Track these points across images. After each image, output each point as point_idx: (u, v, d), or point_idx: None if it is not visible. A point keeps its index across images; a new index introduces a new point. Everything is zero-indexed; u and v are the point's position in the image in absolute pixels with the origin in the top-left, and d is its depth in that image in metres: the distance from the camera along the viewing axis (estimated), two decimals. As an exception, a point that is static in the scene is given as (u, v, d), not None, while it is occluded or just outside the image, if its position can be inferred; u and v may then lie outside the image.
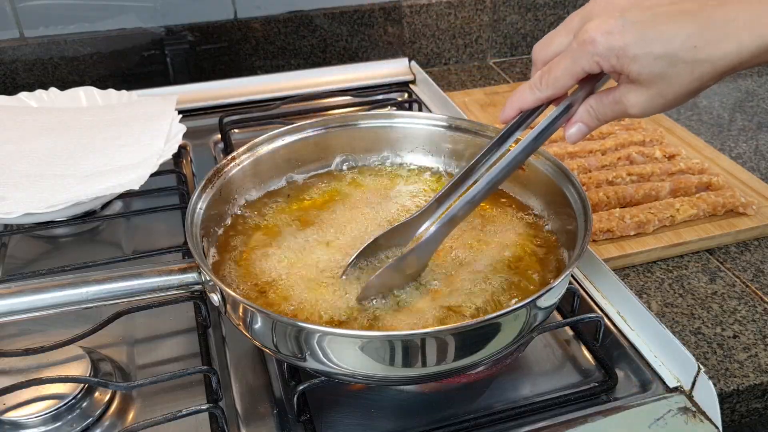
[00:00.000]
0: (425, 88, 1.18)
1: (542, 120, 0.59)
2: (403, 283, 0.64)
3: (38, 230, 0.86)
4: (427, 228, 0.66)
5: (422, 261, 0.64)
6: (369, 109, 1.12)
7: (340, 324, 0.60)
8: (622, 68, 0.52)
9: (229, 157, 0.74)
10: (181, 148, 1.02)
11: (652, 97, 0.53)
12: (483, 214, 0.75)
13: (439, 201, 0.67)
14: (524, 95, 0.59)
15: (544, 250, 0.70)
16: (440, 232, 0.63)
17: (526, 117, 0.61)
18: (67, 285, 0.59)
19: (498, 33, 1.43)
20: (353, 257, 0.65)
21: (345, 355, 0.55)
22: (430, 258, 0.65)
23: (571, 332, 0.73)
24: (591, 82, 0.58)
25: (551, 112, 0.59)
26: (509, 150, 0.61)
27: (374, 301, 0.62)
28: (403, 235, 0.68)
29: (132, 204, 0.93)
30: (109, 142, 0.93)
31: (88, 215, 0.88)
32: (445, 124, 0.81)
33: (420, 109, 1.13)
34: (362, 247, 0.65)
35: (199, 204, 0.68)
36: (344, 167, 0.83)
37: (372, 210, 0.75)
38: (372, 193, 0.79)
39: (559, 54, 0.57)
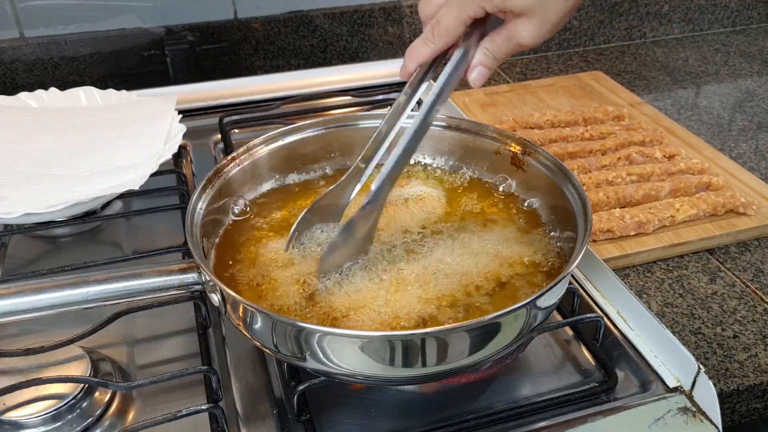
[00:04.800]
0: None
1: (445, 69, 0.62)
2: (360, 249, 0.65)
3: (38, 230, 0.86)
4: (363, 187, 0.68)
5: (371, 222, 0.65)
6: (369, 109, 1.12)
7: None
8: (504, 6, 0.57)
9: (229, 157, 0.74)
10: (181, 148, 1.02)
11: (538, 25, 0.58)
12: (483, 213, 0.75)
13: (363, 160, 0.68)
14: (420, 49, 0.62)
15: (544, 250, 0.70)
16: (383, 190, 0.63)
17: (426, 71, 0.64)
18: (67, 285, 0.59)
19: (498, 33, 1.43)
20: (292, 232, 0.67)
21: (345, 355, 0.55)
22: (378, 217, 0.65)
23: (571, 332, 0.72)
24: (479, 27, 0.61)
25: (450, 60, 0.62)
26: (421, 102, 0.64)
27: (333, 276, 0.64)
28: (335, 205, 0.69)
29: (132, 204, 0.93)
30: (109, 142, 0.93)
31: (88, 215, 0.88)
32: (445, 124, 0.81)
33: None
34: (297, 221, 0.67)
35: (199, 204, 0.68)
36: (344, 167, 0.82)
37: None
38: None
39: (441, 6, 0.61)
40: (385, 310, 0.61)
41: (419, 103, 0.66)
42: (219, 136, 1.07)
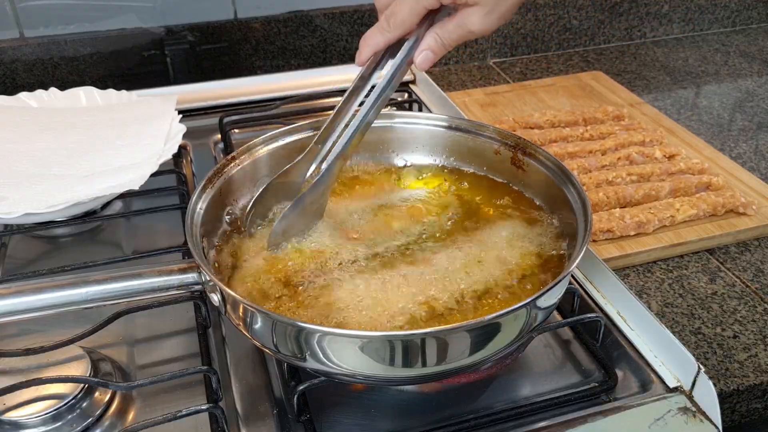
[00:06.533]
0: (425, 88, 1.18)
1: (398, 55, 0.66)
2: (309, 222, 0.69)
3: (38, 230, 0.86)
4: (317, 168, 0.72)
5: (322, 197, 0.69)
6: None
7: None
8: None
9: (229, 157, 0.74)
10: (181, 148, 1.02)
11: (488, 14, 0.61)
12: (483, 213, 0.75)
13: (319, 142, 0.72)
14: (375, 38, 0.65)
15: (544, 250, 0.70)
16: (334, 167, 0.68)
17: (379, 59, 0.68)
18: (67, 285, 0.59)
19: (498, 33, 1.43)
20: (249, 208, 0.70)
21: (345, 355, 0.55)
22: (328, 193, 0.70)
23: (571, 332, 0.72)
24: (431, 17, 0.65)
25: (403, 47, 0.65)
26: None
27: (285, 245, 0.67)
28: (292, 183, 0.72)
29: (132, 204, 0.93)
30: (109, 142, 0.93)
31: (88, 215, 0.88)
32: (445, 124, 0.81)
33: (420, 109, 1.13)
34: (253, 199, 0.70)
35: (199, 204, 0.68)
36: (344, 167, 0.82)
37: (373, 208, 0.75)
38: (373, 192, 0.79)
39: None
40: (382, 309, 0.61)
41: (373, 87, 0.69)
42: (219, 136, 1.07)
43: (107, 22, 1.18)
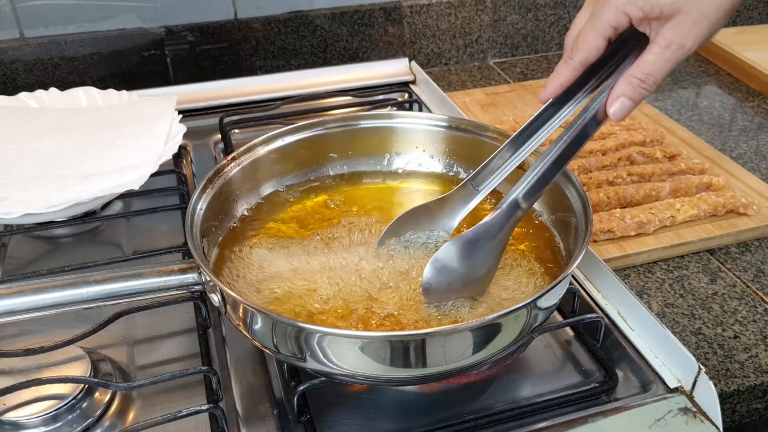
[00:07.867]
0: (425, 88, 1.18)
1: (589, 103, 0.58)
2: (470, 286, 0.61)
3: (38, 230, 0.86)
4: (466, 213, 0.67)
5: (489, 252, 0.60)
6: (369, 109, 1.12)
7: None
8: (652, 6, 0.50)
9: (229, 157, 0.74)
10: (181, 148, 1.02)
11: (696, 22, 0.50)
12: (482, 213, 0.75)
13: (473, 182, 0.67)
14: (560, 70, 0.57)
15: (544, 251, 0.70)
16: (510, 215, 0.60)
17: (564, 102, 0.60)
18: (67, 285, 0.59)
19: (498, 33, 1.43)
20: (383, 235, 0.68)
21: (345, 355, 0.55)
22: (497, 256, 0.61)
23: (571, 332, 0.72)
24: (627, 54, 0.56)
25: (593, 96, 0.58)
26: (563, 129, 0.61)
27: (442, 306, 0.61)
28: (432, 219, 0.68)
29: (132, 204, 0.93)
30: (109, 142, 0.93)
31: (88, 215, 0.88)
32: (445, 124, 0.81)
33: (420, 109, 1.13)
34: (388, 227, 0.67)
35: (199, 204, 0.68)
36: (345, 168, 0.83)
37: (373, 209, 0.75)
38: (373, 192, 0.79)
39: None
40: (384, 310, 0.61)
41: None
42: (219, 136, 1.07)
43: (107, 22, 1.18)
